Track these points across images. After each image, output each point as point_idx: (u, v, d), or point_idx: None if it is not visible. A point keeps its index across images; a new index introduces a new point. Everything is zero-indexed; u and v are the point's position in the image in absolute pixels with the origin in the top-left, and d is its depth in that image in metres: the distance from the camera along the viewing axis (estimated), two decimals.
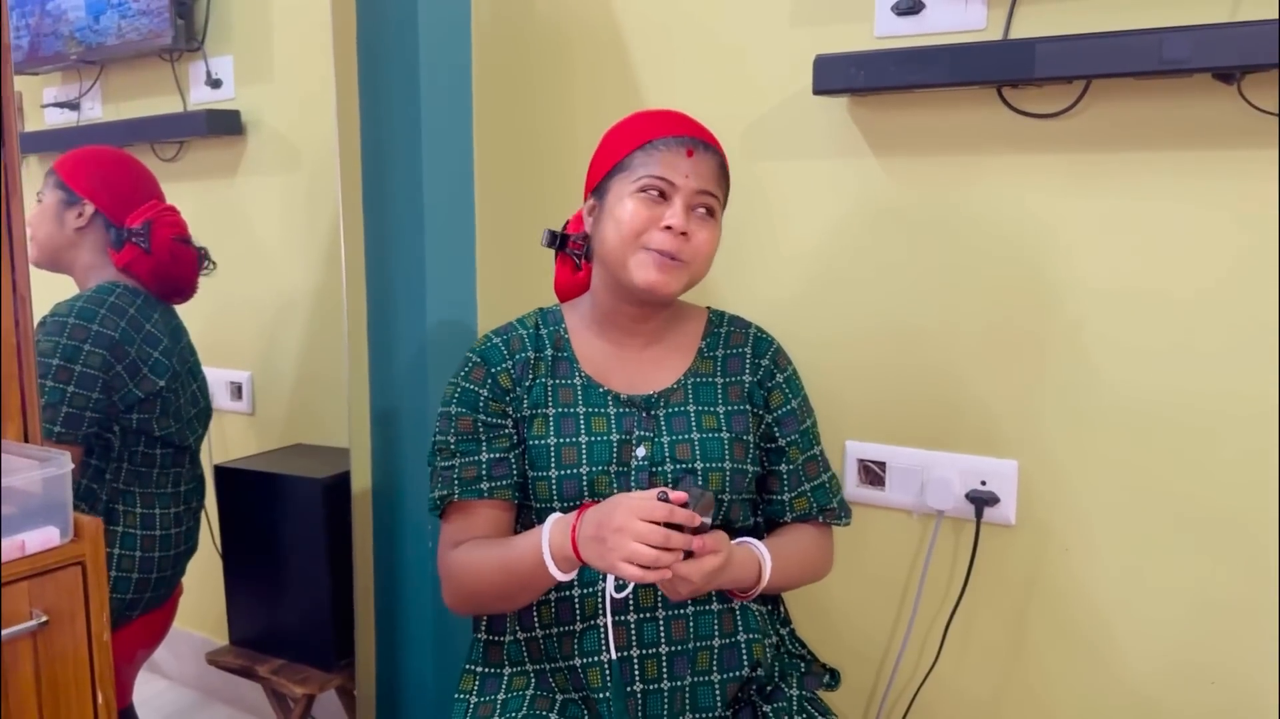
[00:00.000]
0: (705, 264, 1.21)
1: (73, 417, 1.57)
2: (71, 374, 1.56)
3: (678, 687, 1.18)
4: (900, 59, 1.37)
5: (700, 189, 1.18)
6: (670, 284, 1.17)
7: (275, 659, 1.88)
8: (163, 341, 1.69)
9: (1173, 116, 1.30)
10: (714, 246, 1.21)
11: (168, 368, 1.68)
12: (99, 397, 1.59)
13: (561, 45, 1.77)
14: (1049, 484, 1.44)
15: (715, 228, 1.21)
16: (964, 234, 1.45)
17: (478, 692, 1.25)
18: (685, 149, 1.18)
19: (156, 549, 1.71)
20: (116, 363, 1.61)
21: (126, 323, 1.63)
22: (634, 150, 1.19)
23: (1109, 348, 1.38)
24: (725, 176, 1.23)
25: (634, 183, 1.18)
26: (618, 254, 1.18)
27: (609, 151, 1.23)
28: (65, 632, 1.12)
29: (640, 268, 1.17)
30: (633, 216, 1.17)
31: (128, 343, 1.62)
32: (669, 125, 1.20)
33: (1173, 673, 1.39)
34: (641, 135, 1.20)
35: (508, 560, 1.16)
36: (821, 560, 1.32)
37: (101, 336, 1.59)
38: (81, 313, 1.60)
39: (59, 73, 2.54)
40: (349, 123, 1.63)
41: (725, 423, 1.24)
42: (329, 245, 2.07)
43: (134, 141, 2.33)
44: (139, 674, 1.89)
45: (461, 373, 1.26)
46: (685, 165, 1.17)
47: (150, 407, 1.66)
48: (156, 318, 1.70)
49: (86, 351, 1.58)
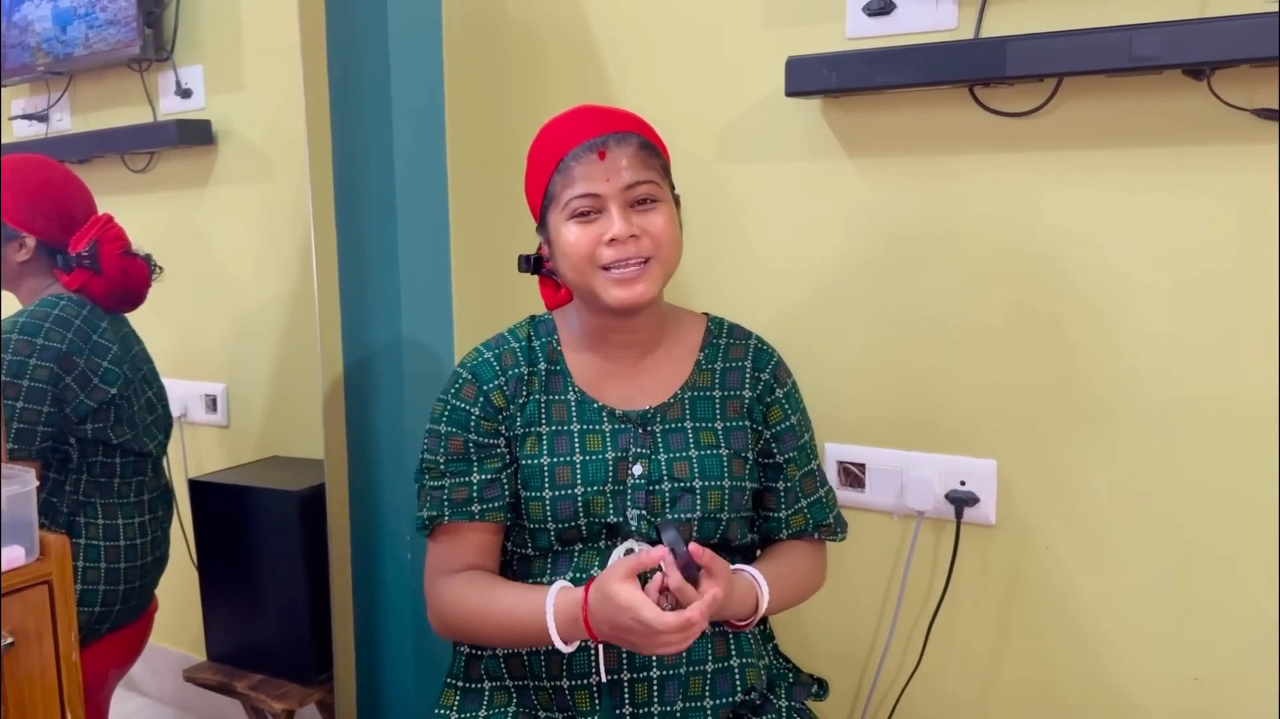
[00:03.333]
0: (674, 249, 1.16)
1: (24, 432, 1.55)
2: (19, 389, 1.54)
3: (669, 711, 1.14)
4: (872, 59, 1.36)
5: (627, 184, 1.12)
6: (644, 291, 1.13)
7: (254, 675, 1.85)
8: (112, 349, 1.67)
9: (1144, 113, 1.31)
10: (672, 228, 1.15)
11: (119, 375, 1.66)
12: (50, 410, 1.57)
13: (534, 49, 1.76)
14: (1028, 483, 1.44)
15: (665, 209, 1.15)
16: (939, 234, 1.45)
17: (458, 708, 1.23)
18: (596, 152, 1.12)
19: (122, 560, 1.69)
20: (65, 374, 1.59)
21: (73, 334, 1.61)
22: (552, 175, 1.15)
23: (1085, 345, 1.38)
24: (654, 152, 1.16)
25: (563, 210, 1.14)
26: (580, 283, 1.15)
27: (534, 182, 1.20)
28: (32, 652, 1.10)
29: (606, 290, 1.13)
30: (576, 244, 1.13)
31: (75, 353, 1.60)
32: (573, 132, 1.15)
33: (1155, 670, 1.39)
34: (553, 156, 1.15)
35: (509, 619, 1.13)
36: (815, 579, 1.30)
37: (47, 349, 1.57)
38: (25, 328, 1.58)
39: (27, 84, 2.52)
40: (319, 131, 1.62)
41: (724, 439, 1.22)
42: (302, 255, 2.06)
43: (104, 153, 2.31)
44: (115, 692, 1.86)
45: (452, 389, 1.22)
46: (603, 169, 1.12)
47: (104, 415, 1.64)
48: (105, 327, 1.67)
49: (33, 366, 1.56)
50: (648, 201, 1.14)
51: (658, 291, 1.15)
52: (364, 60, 1.58)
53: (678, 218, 1.18)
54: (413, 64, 1.58)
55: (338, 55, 1.60)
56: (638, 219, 1.13)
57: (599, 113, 1.18)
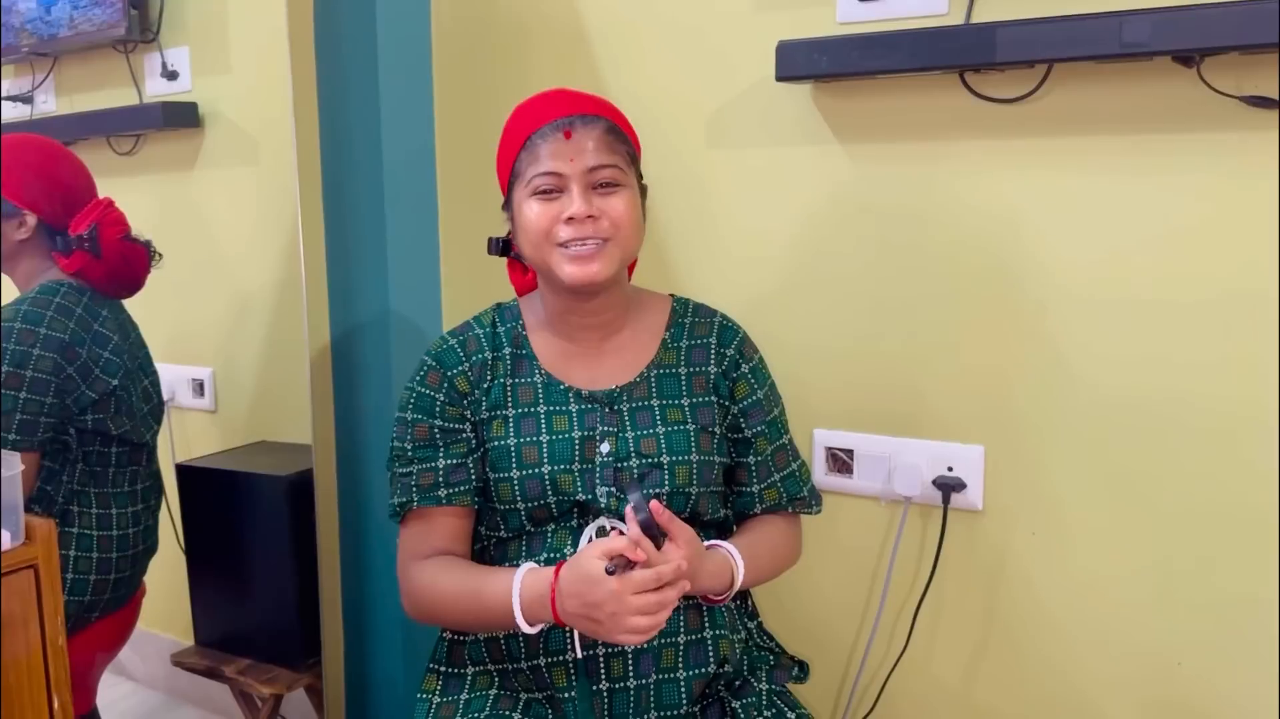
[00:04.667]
0: (633, 234, 1.17)
1: (27, 424, 1.54)
2: (23, 380, 1.52)
3: (644, 685, 1.16)
4: (863, 44, 1.36)
5: (591, 166, 1.13)
6: (599, 270, 1.14)
7: (242, 659, 1.85)
8: (113, 339, 1.65)
9: (1133, 100, 1.31)
10: (633, 213, 1.16)
11: (120, 366, 1.64)
12: (52, 401, 1.56)
13: (523, 32, 1.75)
14: (1015, 469, 1.44)
15: (626, 193, 1.16)
16: (929, 220, 1.45)
17: (440, 692, 1.24)
18: (562, 132, 1.14)
19: (114, 550, 1.68)
20: (68, 365, 1.57)
21: (75, 323, 1.59)
22: (519, 153, 1.16)
23: (1073, 332, 1.38)
24: (621, 137, 1.18)
25: (527, 186, 1.15)
26: (538, 259, 1.17)
27: (502, 160, 1.21)
28: (18, 636, 1.10)
29: (560, 266, 1.14)
30: (536, 221, 1.14)
31: (78, 344, 1.58)
32: (542, 112, 1.17)
33: (1139, 655, 1.40)
34: (521, 134, 1.17)
35: (477, 602, 1.15)
36: (791, 552, 1.31)
37: (50, 339, 1.55)
38: (28, 316, 1.55)
39: (11, 65, 2.49)
40: (307, 114, 1.60)
41: (690, 415, 1.23)
42: (290, 238, 2.04)
43: (89, 135, 2.29)
44: (103, 677, 1.86)
45: (417, 377, 1.24)
46: (568, 149, 1.13)
47: (105, 406, 1.63)
48: (105, 315, 1.66)
49: (36, 356, 1.54)
50: (610, 185, 1.15)
51: (613, 273, 1.16)
52: (351, 42, 1.57)
53: (640, 205, 1.20)
54: (400, 45, 1.57)
55: (325, 36, 1.58)
56: (598, 201, 1.14)
57: (570, 96, 1.19)
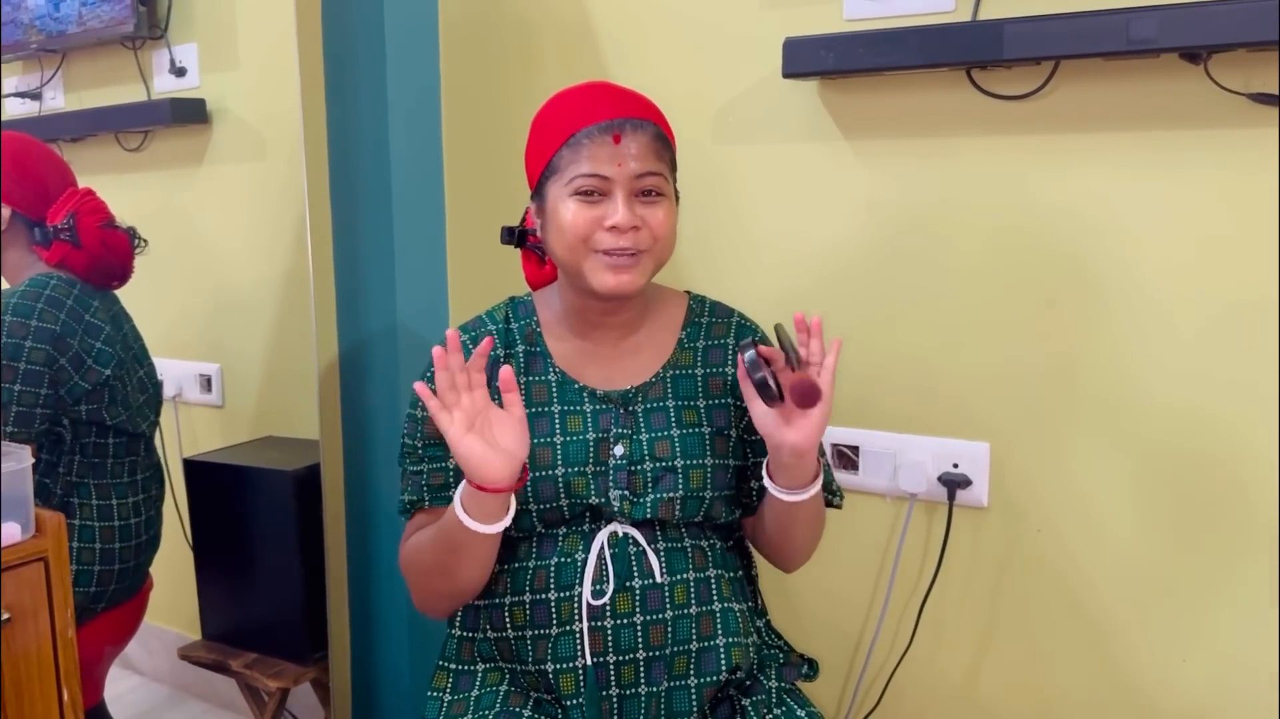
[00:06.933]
0: (668, 245, 1.15)
1: (23, 415, 1.55)
2: (16, 372, 1.54)
3: (654, 692, 1.14)
4: (869, 41, 1.36)
5: (638, 173, 1.10)
6: (633, 281, 1.11)
7: (248, 653, 1.86)
8: (105, 329, 1.66)
9: (1140, 97, 1.31)
10: (672, 224, 1.14)
11: (112, 356, 1.65)
12: (46, 392, 1.57)
13: (531, 29, 1.75)
14: (1021, 466, 1.45)
15: (667, 204, 1.13)
16: (934, 217, 1.45)
17: (451, 689, 1.23)
18: (611, 135, 1.10)
19: (117, 540, 1.69)
20: (60, 356, 1.58)
21: (66, 314, 1.60)
22: (560, 148, 1.11)
23: (1079, 328, 1.38)
24: (666, 144, 1.15)
25: (567, 185, 1.10)
26: (569, 261, 1.13)
27: (537, 150, 1.16)
28: (28, 629, 1.11)
29: (595, 273, 1.11)
30: (573, 222, 1.10)
31: (69, 335, 1.59)
32: (590, 111, 1.12)
33: (1144, 652, 1.40)
34: (565, 129, 1.12)
35: (442, 536, 1.12)
36: (822, 528, 1.27)
37: (42, 331, 1.56)
38: (17, 309, 1.56)
39: (19, 62, 2.50)
40: (314, 111, 1.61)
41: (706, 417, 1.21)
42: (297, 235, 2.05)
43: (97, 131, 2.30)
44: (110, 670, 1.87)
45: (428, 374, 1.19)
46: (616, 153, 1.09)
47: (99, 397, 1.64)
48: (96, 306, 1.66)
49: (28, 348, 1.55)
50: (653, 194, 1.12)
51: (645, 283, 1.14)
52: (359, 39, 1.57)
53: (675, 214, 1.17)
54: (409, 43, 1.57)
55: (333, 33, 1.59)
56: (641, 210, 1.11)
57: (617, 93, 1.15)
